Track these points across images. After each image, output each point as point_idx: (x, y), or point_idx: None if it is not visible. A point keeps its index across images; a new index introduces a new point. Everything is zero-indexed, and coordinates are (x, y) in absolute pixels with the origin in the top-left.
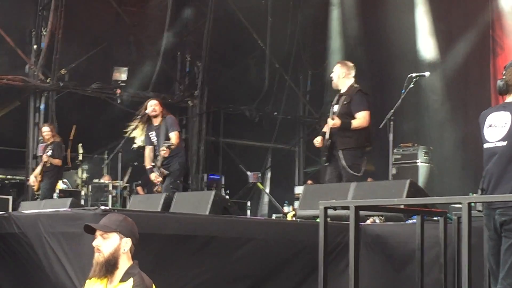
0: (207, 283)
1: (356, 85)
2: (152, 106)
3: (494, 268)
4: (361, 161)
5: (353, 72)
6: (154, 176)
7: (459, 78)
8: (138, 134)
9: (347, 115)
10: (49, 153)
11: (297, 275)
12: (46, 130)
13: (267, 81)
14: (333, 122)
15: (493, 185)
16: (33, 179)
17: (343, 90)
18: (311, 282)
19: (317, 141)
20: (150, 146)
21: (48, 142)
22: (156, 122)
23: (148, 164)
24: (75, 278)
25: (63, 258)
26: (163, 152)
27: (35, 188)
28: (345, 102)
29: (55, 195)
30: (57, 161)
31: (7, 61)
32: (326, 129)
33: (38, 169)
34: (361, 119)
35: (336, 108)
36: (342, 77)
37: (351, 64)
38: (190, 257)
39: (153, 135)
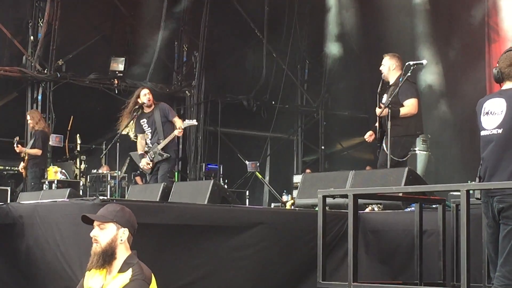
0: (206, 273)
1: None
2: (147, 95)
3: (493, 255)
4: (408, 147)
5: (401, 64)
6: (145, 162)
7: (456, 66)
8: (131, 128)
9: (396, 104)
10: (29, 146)
11: (297, 263)
12: (28, 118)
13: (264, 71)
14: (379, 110)
15: (489, 172)
16: (21, 166)
17: (392, 81)
18: (310, 271)
19: (367, 135)
20: (142, 134)
21: (33, 131)
22: (148, 110)
23: (140, 151)
24: (73, 268)
25: (61, 248)
26: (179, 131)
27: (24, 174)
28: (393, 93)
29: (53, 185)
30: (34, 151)
31: (4, 53)
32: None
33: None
34: (409, 106)
35: (384, 98)
36: (393, 69)
37: (399, 56)
38: (189, 246)
39: (144, 122)
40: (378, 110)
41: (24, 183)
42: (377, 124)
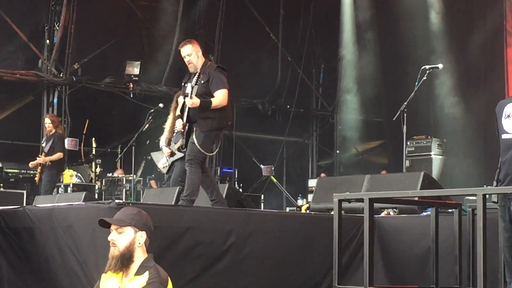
0: (223, 276)
1: None
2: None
3: (509, 259)
4: (218, 139)
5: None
6: (167, 152)
7: (473, 69)
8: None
9: (207, 94)
10: (47, 148)
11: (312, 267)
12: (47, 121)
13: (279, 75)
14: (191, 101)
15: (510, 177)
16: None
17: (198, 69)
18: (326, 275)
19: (180, 126)
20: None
21: (50, 134)
22: None
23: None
24: (89, 271)
25: (77, 252)
26: None
27: (36, 179)
28: (202, 81)
29: (69, 188)
30: (56, 156)
31: (20, 56)
32: None
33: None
34: (220, 97)
35: (188, 88)
36: (200, 55)
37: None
38: (205, 249)
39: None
40: (188, 101)
41: (39, 186)
42: (185, 117)
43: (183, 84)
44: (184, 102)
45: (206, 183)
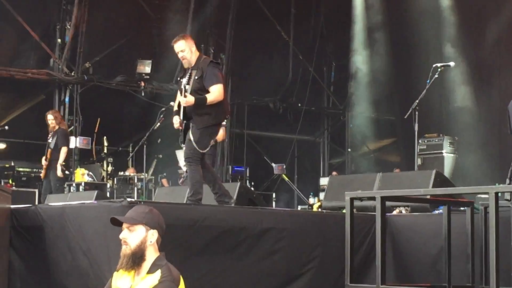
0: (234, 274)
1: None
2: None
3: None
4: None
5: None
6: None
7: (486, 66)
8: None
9: (201, 90)
10: (52, 144)
11: (324, 265)
12: (50, 118)
13: (291, 73)
14: (185, 99)
15: None
16: (44, 164)
17: (193, 64)
18: (337, 273)
19: (177, 123)
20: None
21: (54, 130)
22: None
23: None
24: (101, 269)
25: (89, 250)
26: None
27: (42, 175)
28: (196, 77)
29: (80, 187)
30: (63, 153)
31: (32, 55)
32: None
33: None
34: (215, 92)
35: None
36: (194, 50)
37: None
38: (217, 248)
39: None
40: (182, 100)
41: (47, 184)
42: (181, 114)
43: (178, 79)
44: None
45: (207, 177)
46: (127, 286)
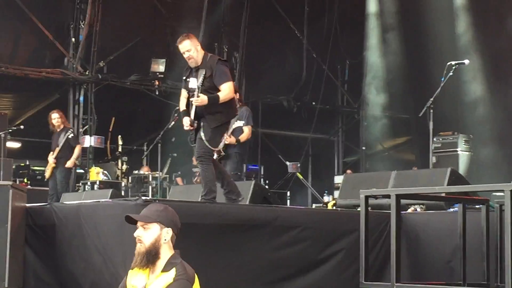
0: (249, 272)
1: None
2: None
3: None
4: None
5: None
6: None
7: (501, 63)
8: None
9: (211, 89)
10: (61, 143)
11: (338, 264)
12: (56, 116)
13: (305, 71)
14: (199, 99)
15: None
16: (51, 162)
17: (199, 63)
18: (352, 271)
19: (188, 124)
20: None
21: (59, 129)
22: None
23: None
24: (116, 267)
25: (104, 248)
26: (229, 139)
27: (47, 175)
28: (205, 75)
29: (95, 186)
30: (78, 151)
31: (46, 55)
32: None
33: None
34: (226, 90)
35: (193, 83)
36: (199, 49)
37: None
38: (232, 246)
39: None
40: (196, 100)
41: (53, 184)
42: (192, 114)
43: (184, 78)
44: (188, 99)
45: (216, 174)
46: (142, 284)
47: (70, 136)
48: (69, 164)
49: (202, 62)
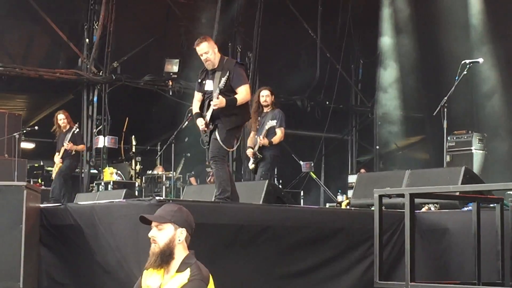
0: (263, 272)
1: None
2: (264, 96)
3: None
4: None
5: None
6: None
7: None
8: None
9: (229, 92)
10: (67, 142)
11: (352, 263)
12: (62, 117)
13: (318, 71)
14: (218, 101)
15: None
16: (58, 161)
17: (216, 65)
18: (365, 270)
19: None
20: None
21: (65, 129)
22: (265, 109)
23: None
24: (131, 267)
25: (118, 249)
26: (263, 141)
27: (54, 175)
28: (223, 78)
29: (109, 186)
30: (81, 147)
31: (60, 55)
32: None
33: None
34: (243, 92)
35: (209, 85)
36: (216, 51)
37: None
38: (246, 246)
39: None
40: (215, 102)
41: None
42: (209, 116)
43: (199, 80)
44: (203, 101)
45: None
46: (156, 285)
47: (75, 132)
48: (68, 146)
49: (219, 65)
